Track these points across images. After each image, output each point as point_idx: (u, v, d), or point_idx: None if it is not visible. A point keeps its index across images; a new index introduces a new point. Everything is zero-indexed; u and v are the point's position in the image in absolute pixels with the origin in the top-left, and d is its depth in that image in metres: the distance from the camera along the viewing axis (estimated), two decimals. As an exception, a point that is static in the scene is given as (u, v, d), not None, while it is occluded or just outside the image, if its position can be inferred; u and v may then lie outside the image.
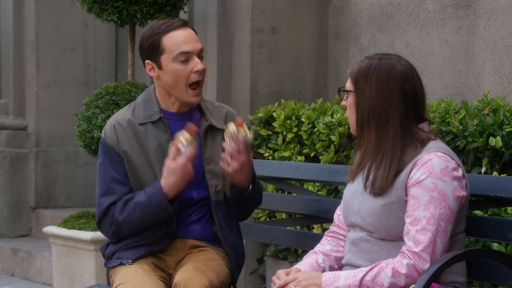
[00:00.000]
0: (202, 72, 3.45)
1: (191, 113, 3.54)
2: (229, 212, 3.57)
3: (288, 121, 5.30)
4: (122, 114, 3.54)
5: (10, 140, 7.84)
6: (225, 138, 3.35)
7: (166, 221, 3.44)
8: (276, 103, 5.69)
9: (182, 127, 3.44)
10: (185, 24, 3.47)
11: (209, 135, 3.51)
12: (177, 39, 3.42)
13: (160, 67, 3.45)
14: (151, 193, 3.40)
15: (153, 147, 3.46)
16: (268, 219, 5.34)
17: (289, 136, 5.29)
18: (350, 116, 3.08)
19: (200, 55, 3.46)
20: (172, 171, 3.36)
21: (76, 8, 7.10)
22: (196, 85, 3.45)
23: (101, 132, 5.55)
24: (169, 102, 3.51)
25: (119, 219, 3.43)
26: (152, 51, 3.45)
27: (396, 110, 2.98)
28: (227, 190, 3.53)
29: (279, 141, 5.37)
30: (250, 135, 3.35)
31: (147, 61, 3.49)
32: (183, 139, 3.34)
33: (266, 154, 5.47)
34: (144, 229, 3.46)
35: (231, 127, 3.34)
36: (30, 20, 7.84)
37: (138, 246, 3.47)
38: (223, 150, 3.41)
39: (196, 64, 3.42)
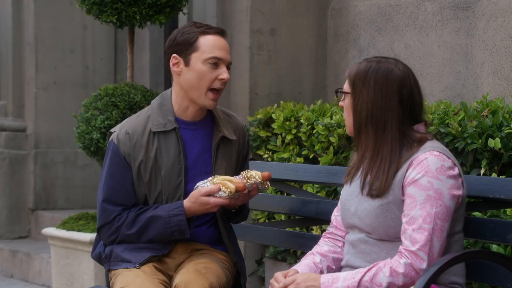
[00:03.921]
0: (225, 82, 3.46)
1: (205, 122, 3.53)
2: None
3: (287, 123, 5.30)
4: (137, 121, 3.51)
5: (9, 141, 7.84)
6: (244, 177, 3.35)
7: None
8: (275, 105, 5.69)
9: (195, 137, 3.47)
10: (223, 33, 3.49)
11: (221, 146, 3.53)
12: (214, 43, 3.43)
13: (187, 64, 3.44)
14: (172, 211, 3.40)
15: (164, 157, 3.45)
16: (267, 221, 5.33)
17: (288, 137, 5.29)
18: (347, 117, 3.09)
19: (228, 66, 3.47)
20: (201, 202, 3.35)
21: (75, 9, 7.10)
22: (216, 92, 3.46)
23: (100, 133, 5.54)
24: (183, 107, 3.49)
25: (127, 233, 3.43)
26: (184, 46, 3.43)
27: (394, 115, 2.98)
28: None
29: (278, 142, 5.36)
30: (268, 187, 3.42)
31: (174, 55, 3.45)
32: (228, 189, 3.32)
33: (265, 156, 5.47)
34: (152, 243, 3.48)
35: (257, 175, 3.35)
36: (29, 22, 7.84)
37: (142, 249, 3.46)
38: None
39: (223, 72, 3.43)
